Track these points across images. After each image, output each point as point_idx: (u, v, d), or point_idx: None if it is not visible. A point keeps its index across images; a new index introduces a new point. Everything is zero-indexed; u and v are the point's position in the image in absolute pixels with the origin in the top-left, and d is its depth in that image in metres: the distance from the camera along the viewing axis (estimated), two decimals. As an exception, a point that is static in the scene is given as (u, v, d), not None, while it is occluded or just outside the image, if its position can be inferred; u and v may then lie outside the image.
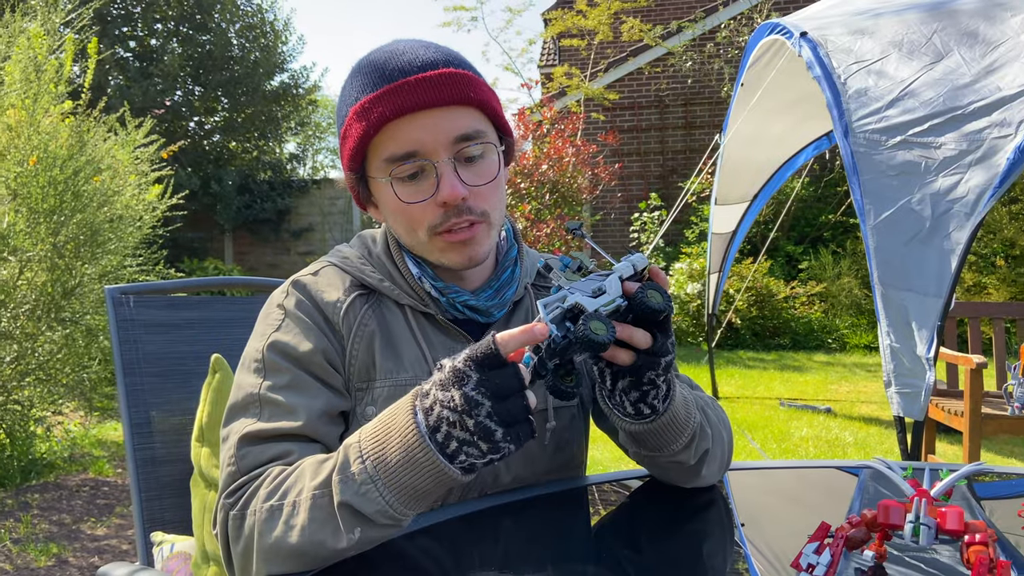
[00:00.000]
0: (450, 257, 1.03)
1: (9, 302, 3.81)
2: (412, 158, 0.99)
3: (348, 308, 1.05)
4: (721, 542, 0.99)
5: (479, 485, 1.08)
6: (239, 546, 0.92)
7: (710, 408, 1.12)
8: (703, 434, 1.04)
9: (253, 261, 11.92)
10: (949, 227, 2.88)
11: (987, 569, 0.70)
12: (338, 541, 0.85)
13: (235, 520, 0.93)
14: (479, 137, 1.01)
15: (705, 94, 10.74)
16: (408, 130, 0.98)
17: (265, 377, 1.00)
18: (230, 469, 0.96)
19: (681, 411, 0.99)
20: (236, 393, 1.02)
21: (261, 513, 0.90)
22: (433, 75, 0.98)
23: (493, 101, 1.05)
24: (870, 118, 3.14)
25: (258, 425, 0.97)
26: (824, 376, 6.89)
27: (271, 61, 11.87)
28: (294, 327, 1.03)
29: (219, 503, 0.96)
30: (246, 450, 0.96)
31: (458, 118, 1.00)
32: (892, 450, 4.42)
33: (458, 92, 0.99)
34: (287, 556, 0.88)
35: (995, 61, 3.16)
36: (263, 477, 0.93)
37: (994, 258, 8.16)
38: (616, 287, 0.88)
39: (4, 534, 3.17)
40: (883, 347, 2.91)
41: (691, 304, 8.28)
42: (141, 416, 1.46)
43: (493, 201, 1.04)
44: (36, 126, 3.84)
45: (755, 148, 5.46)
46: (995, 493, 1.22)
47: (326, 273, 1.09)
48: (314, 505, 0.86)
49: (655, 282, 0.91)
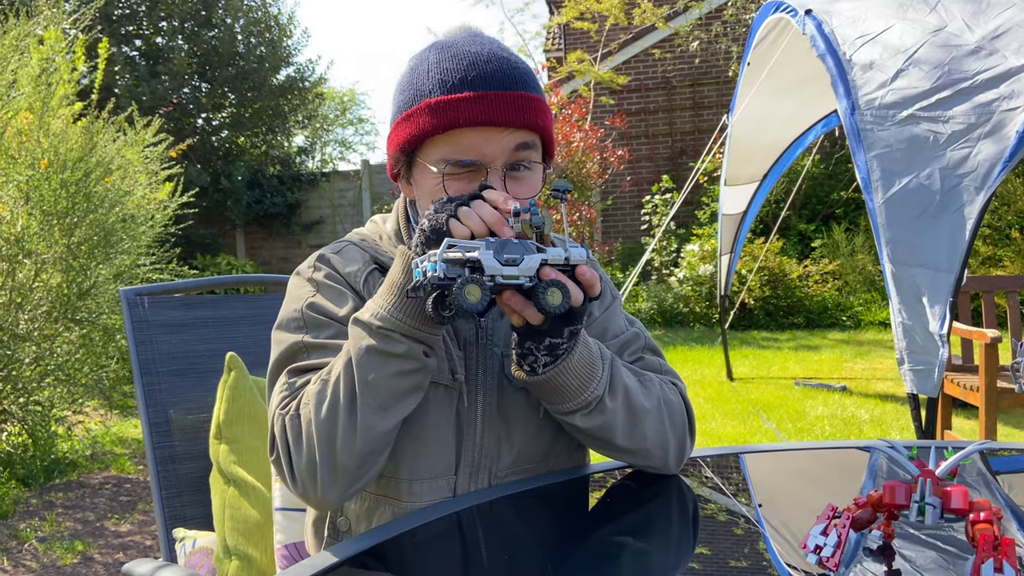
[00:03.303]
0: None
1: (26, 304, 3.86)
2: (473, 162, 1.05)
3: (367, 279, 1.12)
4: (738, 523, 1.00)
5: (487, 463, 1.10)
6: (302, 444, 0.99)
7: (643, 387, 1.10)
8: (600, 408, 1.04)
9: (265, 255, 11.97)
10: (960, 201, 2.86)
11: (992, 547, 0.71)
12: (357, 354, 0.96)
13: (292, 420, 1.01)
14: (531, 149, 1.07)
15: (712, 74, 10.67)
16: (475, 140, 1.04)
17: (307, 332, 1.07)
18: (282, 394, 1.04)
19: (571, 381, 1.01)
20: (277, 349, 1.08)
21: (312, 394, 0.99)
22: (512, 96, 1.04)
23: (551, 127, 1.11)
24: (876, 92, 3.12)
25: (304, 362, 1.05)
26: (839, 354, 6.87)
27: (277, 55, 11.86)
28: (329, 292, 1.11)
29: (273, 419, 1.03)
30: (295, 378, 1.05)
31: (521, 136, 1.06)
32: (908, 427, 4.41)
33: (530, 119, 1.05)
34: (341, 411, 0.97)
35: (1000, 26, 3.13)
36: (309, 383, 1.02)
37: (1009, 230, 8.09)
38: (531, 267, 0.90)
39: (30, 533, 3.22)
40: (895, 325, 2.90)
41: (703, 286, 8.26)
42: (159, 415, 1.48)
43: None
44: (46, 129, 3.87)
45: (763, 127, 5.43)
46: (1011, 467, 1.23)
47: (347, 250, 1.16)
48: (345, 352, 0.98)
49: (573, 281, 0.92)
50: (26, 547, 3.10)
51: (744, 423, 4.69)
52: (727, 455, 1.26)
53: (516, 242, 0.91)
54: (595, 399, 1.03)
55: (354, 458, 0.97)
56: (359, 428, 0.96)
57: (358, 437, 0.97)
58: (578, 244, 0.94)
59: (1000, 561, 0.70)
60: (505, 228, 0.91)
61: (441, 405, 1.07)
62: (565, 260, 0.92)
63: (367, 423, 0.96)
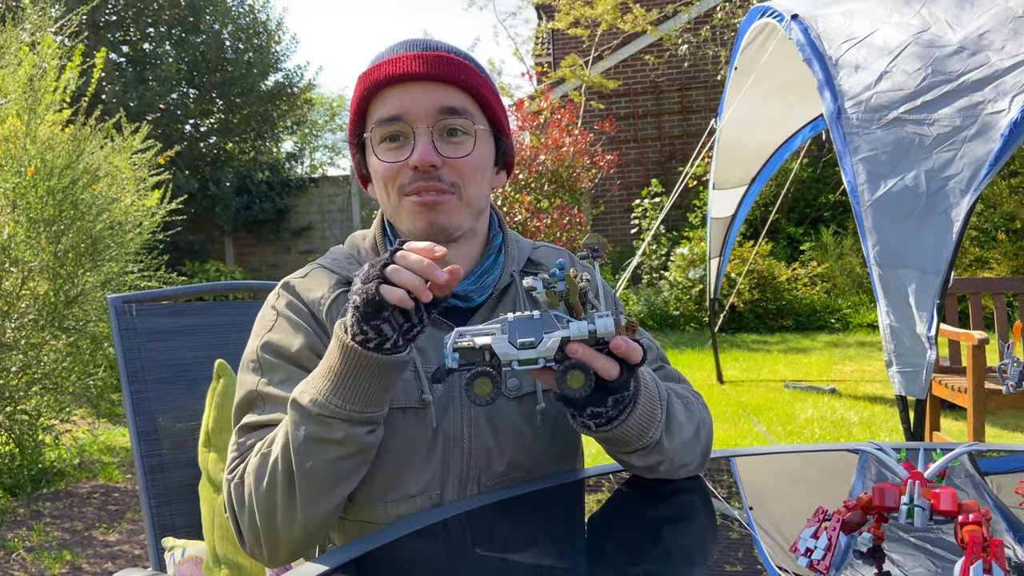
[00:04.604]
0: (416, 222, 1.09)
1: (13, 312, 3.83)
2: (396, 121, 1.06)
3: (331, 305, 1.10)
4: (730, 527, 1.00)
5: (476, 473, 1.09)
6: (244, 512, 1.00)
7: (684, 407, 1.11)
8: (658, 448, 1.04)
9: (255, 262, 11.92)
10: (946, 203, 2.88)
11: (981, 548, 0.72)
12: (295, 441, 0.94)
13: (236, 488, 1.01)
14: (463, 115, 1.07)
15: (700, 78, 10.71)
16: (397, 95, 1.06)
17: (262, 375, 1.07)
18: (232, 455, 1.05)
19: (630, 432, 0.99)
20: (239, 392, 1.09)
21: (254, 466, 0.99)
22: (431, 55, 1.07)
23: (488, 94, 1.11)
24: (862, 95, 3.13)
25: (255, 417, 1.05)
26: (828, 356, 6.90)
27: (265, 61, 11.83)
28: (285, 325, 1.10)
29: (223, 483, 1.04)
30: (245, 437, 1.05)
31: (446, 94, 1.07)
32: (897, 429, 4.43)
33: (451, 72, 1.06)
34: (279, 491, 0.96)
35: (982, 26, 3.16)
36: (254, 448, 1.03)
37: (995, 232, 8.15)
38: (550, 348, 0.85)
39: (18, 543, 3.20)
40: (883, 327, 2.91)
41: (693, 289, 8.28)
42: (148, 423, 1.47)
43: (467, 178, 1.08)
44: (33, 136, 3.84)
45: (751, 131, 5.45)
46: (999, 468, 1.24)
47: (314, 274, 1.15)
48: (284, 432, 0.96)
49: (600, 359, 0.87)
50: (14, 557, 3.08)
51: (734, 426, 4.70)
52: (718, 458, 1.26)
53: (536, 318, 0.86)
54: (653, 443, 1.03)
55: (296, 535, 0.98)
56: (299, 510, 0.96)
57: (299, 517, 0.97)
58: (610, 311, 0.87)
59: (989, 562, 0.70)
60: (436, 272, 0.86)
61: (412, 430, 1.06)
62: (591, 333, 0.86)
63: (307, 506, 0.96)
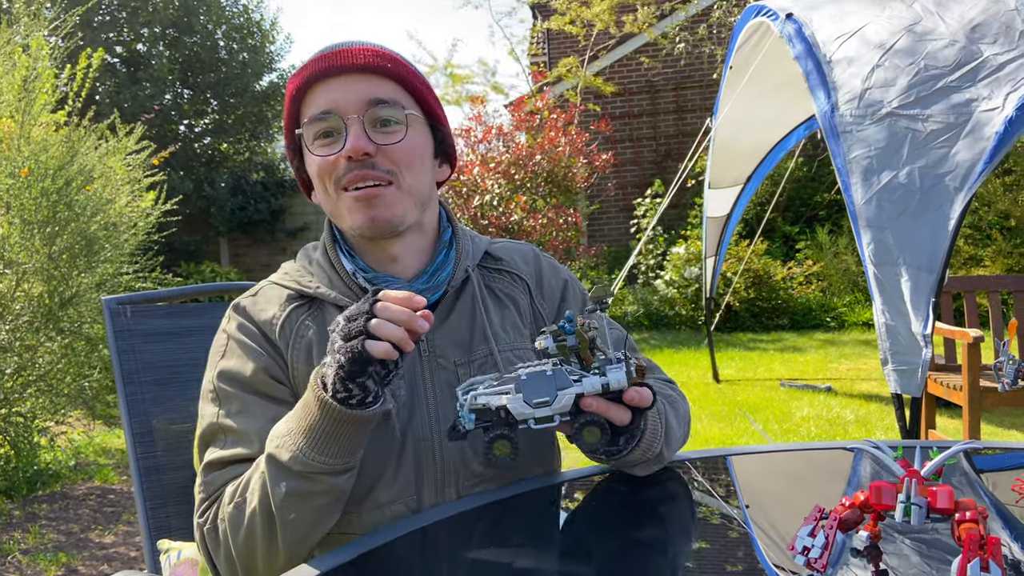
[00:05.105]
0: (355, 217, 1.08)
1: (7, 314, 3.82)
2: (327, 115, 1.06)
3: (284, 323, 1.09)
4: (726, 526, 1.00)
5: (453, 477, 1.08)
6: (220, 556, 1.00)
7: (672, 409, 1.14)
8: (659, 459, 1.08)
9: (250, 262, 11.90)
10: (940, 201, 2.87)
11: (978, 546, 0.72)
12: (275, 496, 0.93)
13: (210, 533, 1.01)
14: (392, 105, 1.07)
15: (695, 77, 10.72)
16: (326, 91, 1.06)
17: (220, 406, 1.06)
18: (200, 495, 1.04)
19: (636, 455, 1.02)
20: (200, 423, 1.08)
21: (228, 515, 0.98)
22: (356, 49, 1.07)
23: (417, 83, 1.11)
24: (855, 93, 3.13)
25: (219, 453, 1.04)
26: (823, 355, 6.91)
27: (259, 61, 11.82)
28: (237, 350, 1.09)
29: (195, 526, 1.03)
30: (211, 476, 1.03)
31: (374, 85, 1.07)
32: (893, 427, 4.44)
33: (376, 62, 1.07)
34: (259, 540, 0.96)
35: (974, 19, 3.16)
36: (225, 491, 1.01)
37: (990, 230, 8.17)
38: (564, 405, 0.87)
39: (13, 545, 3.19)
40: (878, 325, 2.92)
41: (689, 288, 8.29)
42: (143, 425, 1.47)
43: (403, 165, 1.08)
44: (27, 137, 3.83)
45: (746, 131, 5.46)
46: (994, 465, 1.24)
47: (264, 292, 1.14)
48: (261, 483, 0.95)
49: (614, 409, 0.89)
50: (9, 559, 3.07)
51: (731, 425, 4.71)
52: (714, 457, 1.26)
53: (549, 374, 0.87)
54: (654, 455, 1.05)
55: (277, 569, 0.97)
56: (281, 553, 0.97)
57: (280, 560, 0.97)
58: (621, 361, 0.88)
59: (986, 560, 0.70)
60: (418, 323, 0.87)
61: (377, 439, 1.03)
62: (604, 388, 0.87)
63: (290, 549, 0.97)
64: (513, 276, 1.21)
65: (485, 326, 1.13)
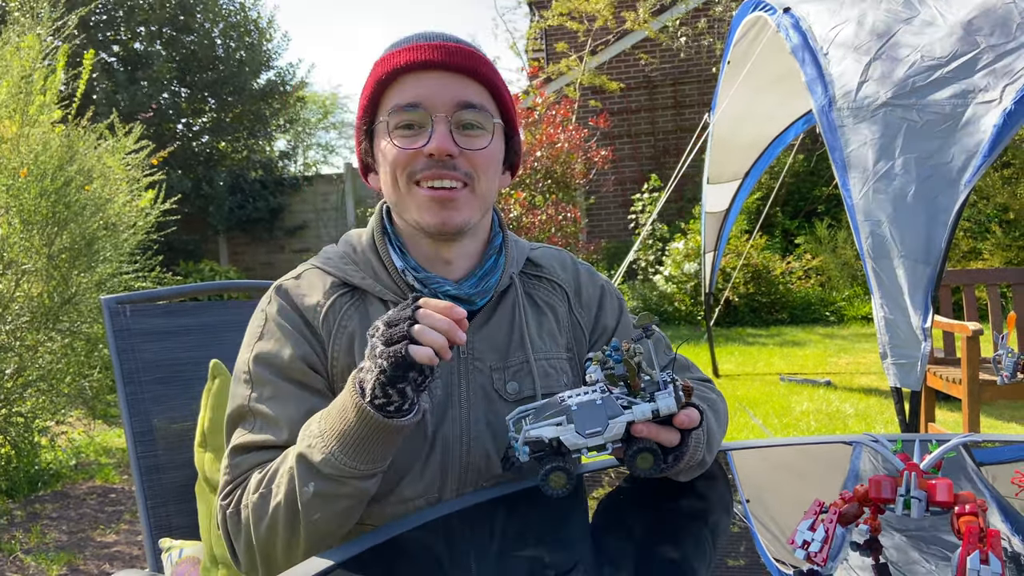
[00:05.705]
0: (425, 216, 1.07)
1: (7, 314, 3.82)
2: (414, 108, 1.05)
3: (328, 310, 1.08)
4: (727, 519, 1.00)
5: (474, 476, 1.09)
6: (241, 541, 1.00)
7: (713, 412, 1.14)
8: (701, 464, 1.07)
9: (248, 261, 11.89)
10: (938, 194, 2.87)
11: (977, 538, 0.72)
12: (303, 496, 0.93)
13: (232, 517, 1.01)
14: (480, 110, 1.06)
15: (693, 73, 10.70)
16: (416, 83, 1.05)
17: (252, 389, 1.05)
18: (225, 477, 1.04)
19: (682, 467, 1.02)
20: (231, 403, 1.07)
21: (252, 504, 0.98)
22: (452, 45, 1.06)
23: (502, 87, 1.11)
24: (851, 86, 3.12)
25: (248, 437, 1.04)
26: (823, 349, 6.91)
27: (256, 59, 11.79)
28: (276, 333, 1.07)
29: (217, 507, 1.04)
30: (238, 459, 1.03)
31: (465, 87, 1.06)
32: (892, 420, 4.44)
33: (469, 64, 1.06)
34: (280, 533, 0.96)
35: (971, 11, 3.15)
36: (251, 477, 1.01)
37: (988, 224, 8.17)
38: (616, 433, 0.88)
39: (15, 545, 3.19)
40: (877, 319, 2.92)
41: (689, 283, 8.29)
42: (143, 424, 1.47)
43: (480, 170, 1.07)
44: (26, 137, 3.83)
45: (745, 126, 5.46)
46: (994, 458, 1.24)
47: (308, 276, 1.12)
48: (289, 479, 0.94)
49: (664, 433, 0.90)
50: (11, 559, 3.07)
51: (730, 419, 4.70)
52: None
53: (599, 403, 0.88)
54: (697, 463, 1.05)
55: (295, 561, 0.97)
56: (301, 546, 0.97)
57: (300, 552, 0.97)
58: (668, 384, 0.89)
59: (986, 553, 0.70)
60: (458, 334, 0.87)
61: (409, 438, 1.02)
62: (654, 414, 0.89)
63: (311, 544, 0.97)
64: (552, 284, 1.22)
65: (524, 333, 1.14)
